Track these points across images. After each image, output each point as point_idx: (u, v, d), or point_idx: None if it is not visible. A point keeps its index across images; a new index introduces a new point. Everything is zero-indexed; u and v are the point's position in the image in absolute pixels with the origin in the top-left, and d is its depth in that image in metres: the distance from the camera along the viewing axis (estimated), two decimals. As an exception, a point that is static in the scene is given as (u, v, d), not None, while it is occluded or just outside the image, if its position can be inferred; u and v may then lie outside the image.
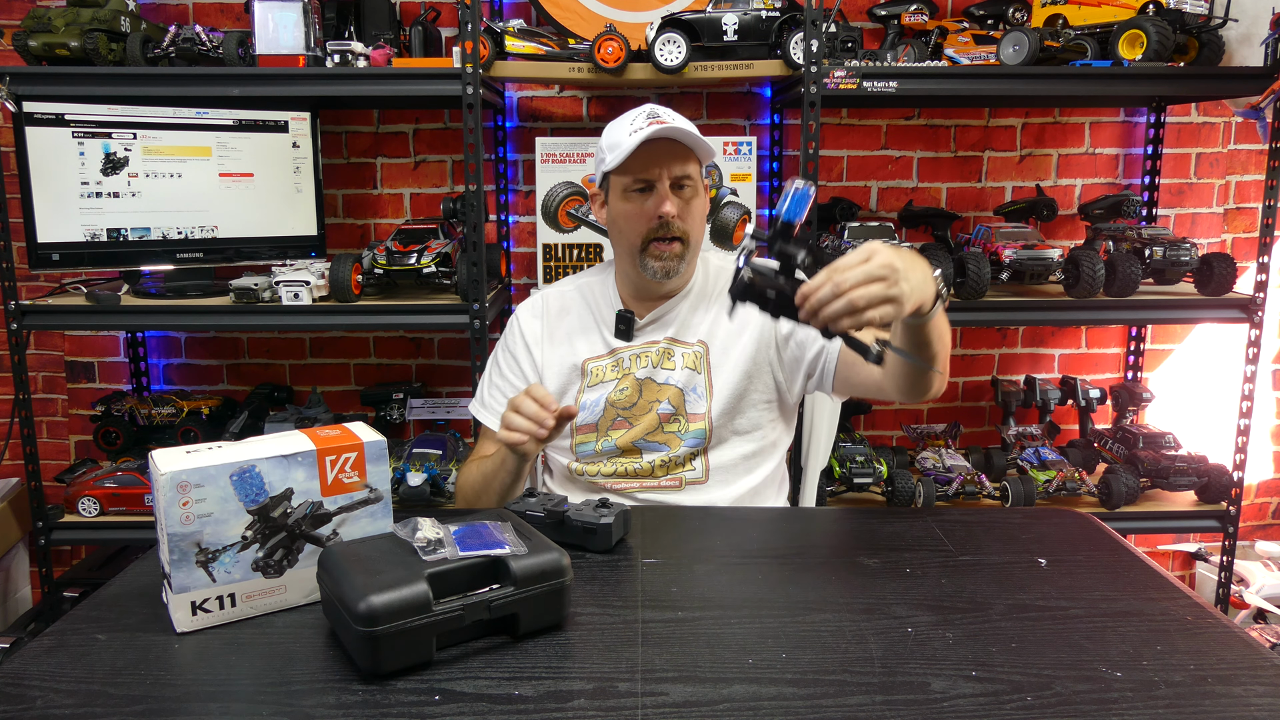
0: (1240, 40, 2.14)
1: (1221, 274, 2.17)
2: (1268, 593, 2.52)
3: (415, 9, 2.42)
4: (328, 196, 2.53)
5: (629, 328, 1.48)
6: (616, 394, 1.46)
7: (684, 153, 1.39)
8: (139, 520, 2.21)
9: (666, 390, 1.45)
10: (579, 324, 1.52)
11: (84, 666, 0.84)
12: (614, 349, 1.49)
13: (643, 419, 1.45)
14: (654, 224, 1.39)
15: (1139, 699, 0.80)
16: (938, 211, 2.46)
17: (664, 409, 1.45)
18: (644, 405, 1.46)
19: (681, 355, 1.47)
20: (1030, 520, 1.25)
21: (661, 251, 1.41)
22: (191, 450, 0.91)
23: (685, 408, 1.45)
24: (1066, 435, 2.64)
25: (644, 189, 1.40)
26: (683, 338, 1.48)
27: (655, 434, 1.45)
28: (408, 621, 0.82)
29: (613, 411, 1.46)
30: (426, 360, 2.67)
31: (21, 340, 2.10)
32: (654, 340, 1.48)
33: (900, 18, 2.29)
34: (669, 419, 1.45)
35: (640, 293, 1.50)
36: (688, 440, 1.45)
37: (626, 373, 1.47)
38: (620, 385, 1.47)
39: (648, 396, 1.46)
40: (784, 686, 0.81)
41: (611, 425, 1.46)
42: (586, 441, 1.47)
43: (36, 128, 2.03)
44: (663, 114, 1.39)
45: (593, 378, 1.48)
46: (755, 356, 1.45)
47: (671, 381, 1.45)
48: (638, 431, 1.45)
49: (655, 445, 1.45)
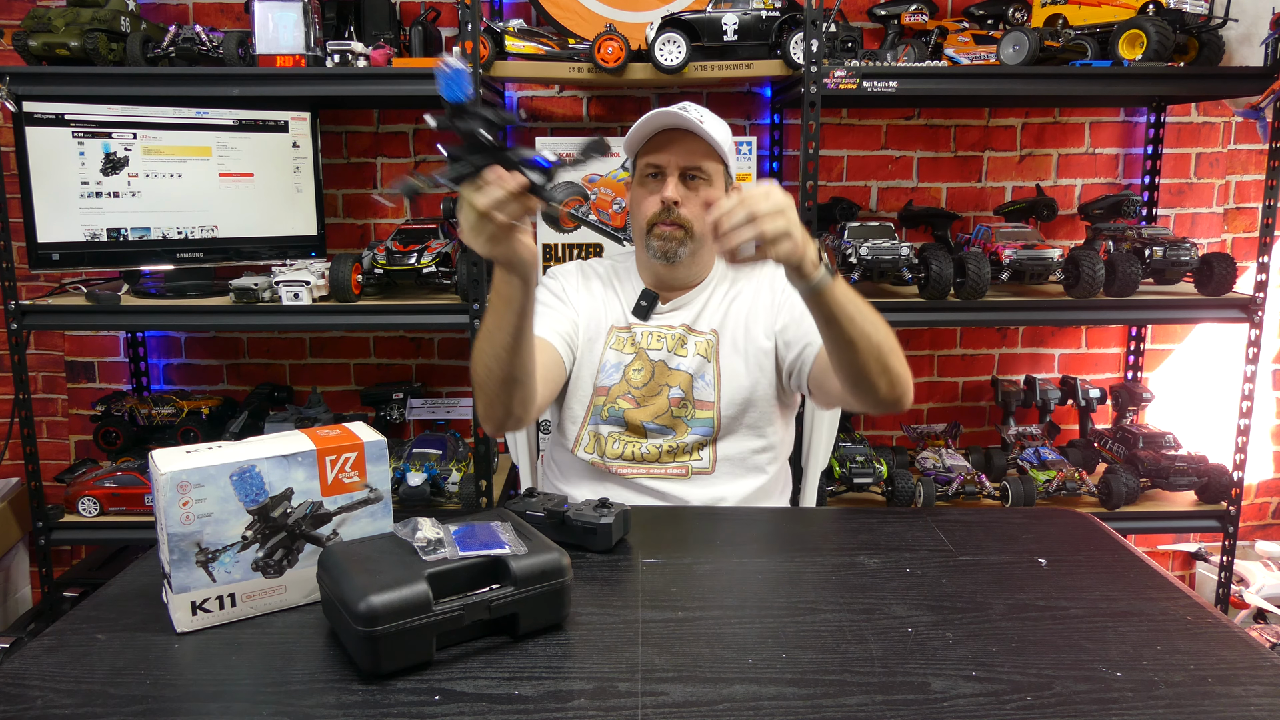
0: (1240, 40, 2.14)
1: (1221, 274, 2.16)
2: (1268, 593, 2.52)
3: (415, 9, 2.42)
4: (328, 196, 2.53)
5: (650, 306, 1.51)
6: (632, 372, 1.48)
7: (702, 149, 1.43)
8: (139, 520, 2.21)
9: (678, 376, 1.47)
10: (604, 292, 1.56)
11: (84, 666, 0.84)
12: (630, 324, 1.52)
13: (653, 401, 1.47)
14: (658, 208, 1.44)
15: (1139, 699, 0.80)
16: (938, 211, 2.46)
17: (674, 394, 1.46)
18: (654, 387, 1.47)
19: (694, 343, 1.49)
20: (1030, 520, 1.25)
21: (663, 232, 1.44)
22: (191, 450, 0.91)
23: (694, 394, 1.46)
24: (1066, 435, 2.64)
25: (655, 174, 1.45)
26: (697, 326, 1.51)
27: (664, 418, 1.46)
28: (408, 621, 0.82)
29: (624, 385, 1.48)
30: (426, 360, 2.67)
31: (21, 340, 2.10)
32: (670, 325, 1.51)
33: (900, 18, 2.29)
34: (679, 404, 1.46)
35: (658, 281, 1.53)
36: (695, 429, 1.46)
37: (641, 351, 1.49)
38: (635, 364, 1.49)
39: (659, 379, 1.47)
40: (784, 686, 0.81)
41: (623, 395, 1.48)
42: (600, 403, 1.49)
43: (36, 128, 2.03)
44: (689, 107, 1.43)
45: (617, 342, 1.51)
46: (763, 350, 1.47)
47: (683, 368, 1.48)
48: (647, 413, 1.46)
49: (663, 429, 1.46)
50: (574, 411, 1.51)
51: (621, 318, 1.53)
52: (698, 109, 1.44)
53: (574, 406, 1.51)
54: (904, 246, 2.13)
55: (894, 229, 2.22)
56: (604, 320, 1.53)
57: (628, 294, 1.55)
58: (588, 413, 1.50)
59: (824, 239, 2.30)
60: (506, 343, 1.20)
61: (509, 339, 1.20)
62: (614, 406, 1.47)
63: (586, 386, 1.50)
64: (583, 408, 1.50)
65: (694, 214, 1.44)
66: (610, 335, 1.52)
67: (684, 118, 1.39)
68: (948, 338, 2.69)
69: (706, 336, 1.49)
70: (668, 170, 1.43)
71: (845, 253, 2.17)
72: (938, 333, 2.68)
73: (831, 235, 2.29)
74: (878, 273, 2.17)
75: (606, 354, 1.50)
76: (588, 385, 1.50)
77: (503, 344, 1.21)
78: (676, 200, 1.42)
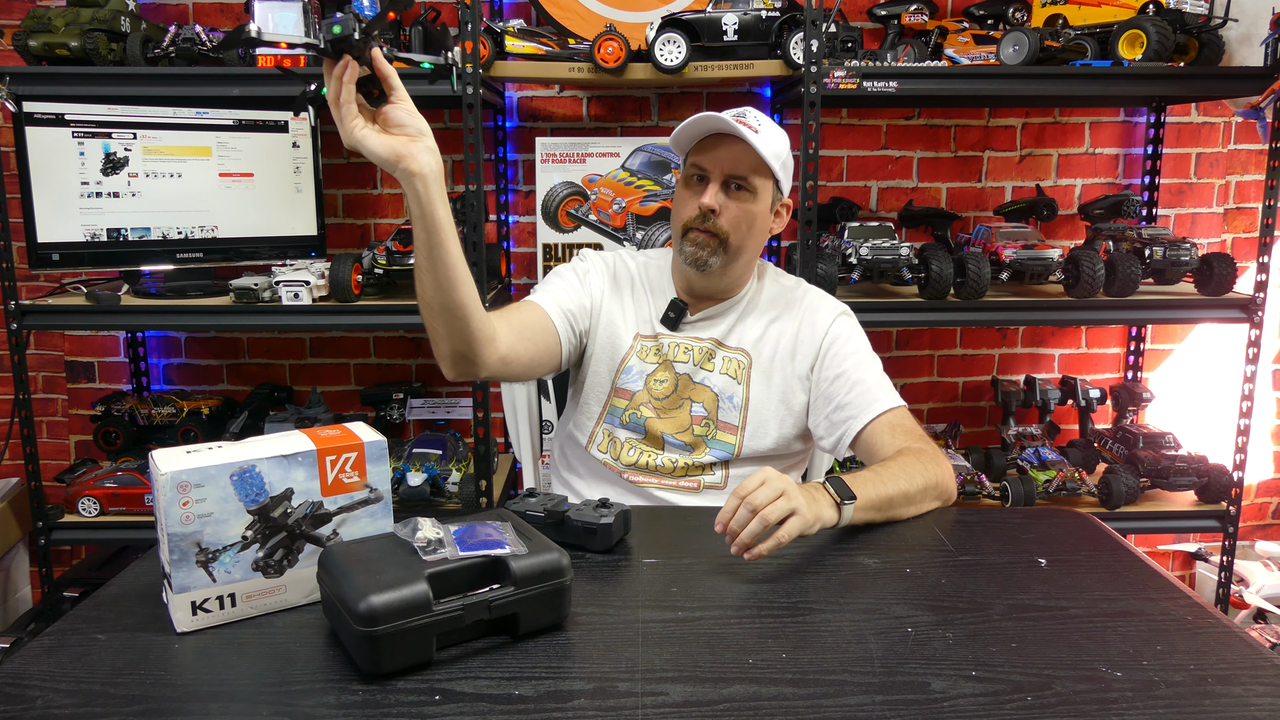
0: (1240, 40, 2.14)
1: (1221, 274, 2.16)
2: (1268, 593, 2.52)
3: (415, 9, 2.42)
4: (328, 196, 2.53)
5: (679, 317, 1.47)
6: (655, 382, 1.46)
7: (752, 160, 1.37)
8: (139, 520, 2.21)
9: (702, 392, 1.45)
10: (634, 299, 1.52)
11: (84, 666, 0.84)
12: (657, 334, 1.48)
13: (675, 414, 1.45)
14: (695, 213, 1.40)
15: (1139, 699, 0.80)
16: (938, 211, 2.46)
17: (697, 411, 1.44)
18: (677, 400, 1.45)
19: (723, 359, 1.46)
20: (1030, 520, 1.25)
21: (697, 238, 1.40)
22: (191, 450, 0.91)
23: (718, 415, 1.44)
24: (1066, 435, 2.64)
25: (700, 178, 1.41)
26: (728, 342, 1.47)
27: (685, 434, 1.44)
28: (408, 621, 0.82)
29: (645, 395, 1.46)
30: (426, 360, 2.67)
31: (21, 340, 2.10)
32: (699, 337, 1.48)
33: (900, 18, 2.29)
34: (701, 422, 1.44)
35: (689, 288, 1.49)
36: (714, 449, 1.44)
37: (667, 361, 1.46)
38: (659, 375, 1.46)
39: (683, 392, 1.45)
40: (784, 686, 0.81)
41: (645, 403, 1.46)
42: (619, 406, 1.47)
43: (36, 128, 2.03)
44: (748, 113, 1.38)
45: (642, 351, 1.48)
46: (798, 387, 1.45)
47: (709, 384, 1.45)
48: (670, 426, 1.44)
49: (683, 446, 1.44)
50: (590, 407, 1.49)
51: (649, 326, 1.49)
52: (757, 116, 1.38)
53: (590, 402, 1.49)
54: (904, 246, 2.13)
55: (894, 229, 2.22)
56: (630, 324, 1.49)
57: (658, 301, 1.50)
58: (604, 410, 1.48)
59: (825, 239, 2.30)
60: (423, 263, 1.17)
61: (424, 258, 1.17)
62: (636, 413, 1.45)
63: (605, 384, 1.48)
64: (600, 404, 1.49)
65: (731, 224, 1.39)
66: (636, 342, 1.48)
67: (735, 125, 1.34)
68: (948, 338, 2.69)
69: (737, 356, 1.46)
70: (712, 176, 1.39)
71: (845, 253, 2.17)
72: (938, 333, 2.68)
73: (832, 235, 2.29)
74: (878, 273, 2.17)
75: (631, 360, 1.47)
76: (606, 383, 1.48)
77: (423, 265, 1.18)
78: (714, 208, 1.38)
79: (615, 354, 1.48)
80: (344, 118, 1.08)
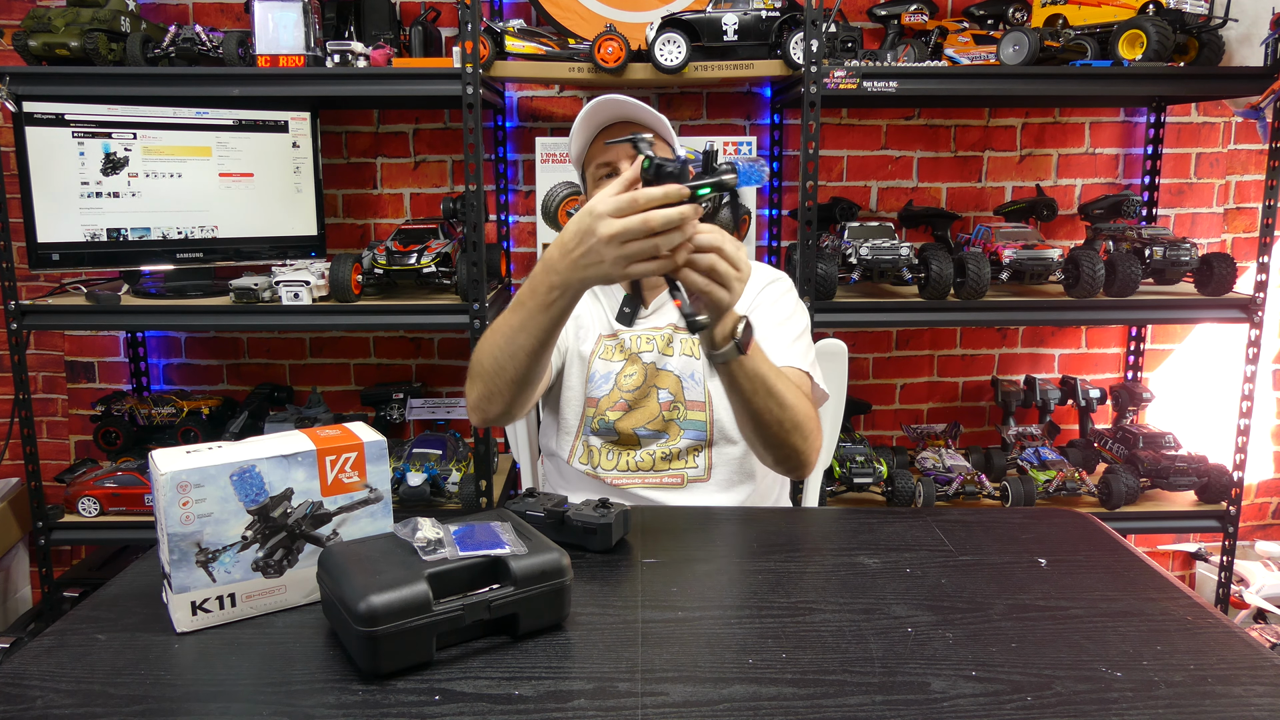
0: (1240, 40, 2.14)
1: (1221, 274, 2.17)
2: (1268, 593, 2.52)
3: (415, 9, 2.42)
4: (328, 196, 2.53)
5: (633, 311, 1.46)
6: (624, 378, 1.47)
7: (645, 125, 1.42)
8: (139, 520, 2.21)
9: (666, 378, 1.46)
10: (591, 304, 1.54)
11: (84, 666, 0.84)
12: (616, 331, 1.50)
13: (644, 404, 1.46)
14: None
15: (1139, 699, 0.80)
16: (938, 211, 2.46)
17: (664, 397, 1.46)
18: (646, 390, 1.46)
19: (680, 341, 1.48)
20: (1030, 520, 1.25)
21: None
22: (191, 450, 0.91)
23: (684, 395, 1.46)
24: (1066, 435, 2.64)
25: (610, 174, 1.43)
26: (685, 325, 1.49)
27: (655, 422, 1.45)
28: (408, 621, 0.82)
29: (617, 394, 1.47)
30: (426, 360, 2.67)
31: (21, 340, 2.10)
32: (657, 326, 1.50)
33: (900, 18, 2.29)
34: (669, 406, 1.45)
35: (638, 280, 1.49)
36: (688, 431, 1.45)
37: (633, 355, 1.48)
38: (627, 370, 1.47)
39: (650, 381, 1.47)
40: (784, 686, 0.81)
41: (612, 406, 1.46)
42: (589, 414, 1.48)
43: (36, 128, 2.03)
44: (617, 97, 1.42)
45: (606, 351, 1.50)
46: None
47: (670, 368, 1.47)
48: (639, 418, 1.45)
49: (655, 434, 1.45)
50: (568, 422, 1.51)
51: (607, 326, 1.51)
52: (621, 96, 1.42)
53: (568, 417, 1.51)
54: (904, 246, 2.13)
55: (894, 229, 2.22)
56: (592, 330, 1.51)
57: (610, 301, 1.53)
58: (581, 423, 1.49)
59: (825, 239, 2.30)
60: (531, 347, 1.18)
61: (534, 344, 1.17)
62: (603, 418, 1.46)
63: (578, 397, 1.49)
64: (576, 418, 1.50)
65: None
66: (599, 345, 1.50)
67: (624, 105, 1.38)
68: (948, 338, 2.69)
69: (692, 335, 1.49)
70: (621, 166, 1.42)
71: (845, 253, 2.17)
72: (938, 333, 2.68)
73: (831, 235, 2.29)
74: (878, 273, 2.17)
75: (595, 364, 1.48)
76: (579, 395, 1.49)
77: (525, 347, 1.18)
78: None
79: (584, 363, 1.50)
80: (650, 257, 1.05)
